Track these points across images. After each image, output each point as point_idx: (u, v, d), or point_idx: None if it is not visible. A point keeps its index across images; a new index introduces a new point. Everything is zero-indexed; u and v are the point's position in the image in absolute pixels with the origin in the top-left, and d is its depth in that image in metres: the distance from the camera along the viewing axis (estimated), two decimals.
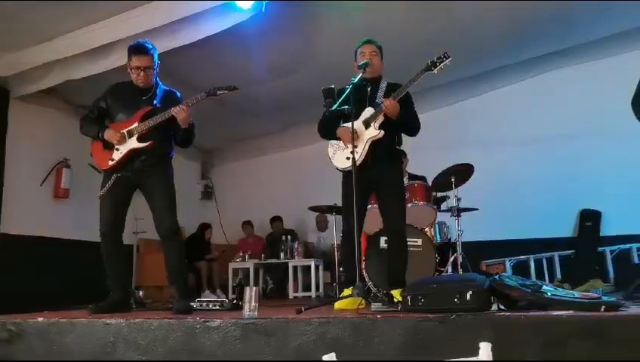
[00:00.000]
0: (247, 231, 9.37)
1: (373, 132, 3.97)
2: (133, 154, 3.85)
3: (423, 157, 6.29)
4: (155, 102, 3.93)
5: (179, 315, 3.26)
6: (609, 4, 6.27)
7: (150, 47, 3.91)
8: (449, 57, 3.88)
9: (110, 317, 3.07)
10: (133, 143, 3.83)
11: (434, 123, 5.61)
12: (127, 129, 3.85)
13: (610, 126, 7.34)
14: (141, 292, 5.50)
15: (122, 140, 3.84)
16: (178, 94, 4.02)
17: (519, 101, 8.15)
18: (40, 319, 3.14)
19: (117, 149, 3.86)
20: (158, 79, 4.03)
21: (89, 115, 4.03)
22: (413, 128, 4.15)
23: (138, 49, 3.88)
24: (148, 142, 3.82)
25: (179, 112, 3.74)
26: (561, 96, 7.96)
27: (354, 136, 3.78)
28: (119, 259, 3.99)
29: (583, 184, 7.63)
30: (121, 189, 3.88)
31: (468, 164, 5.83)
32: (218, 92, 3.82)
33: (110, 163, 3.87)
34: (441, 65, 3.89)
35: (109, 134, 3.86)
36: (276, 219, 9.18)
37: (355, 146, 3.76)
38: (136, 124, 3.85)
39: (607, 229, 7.74)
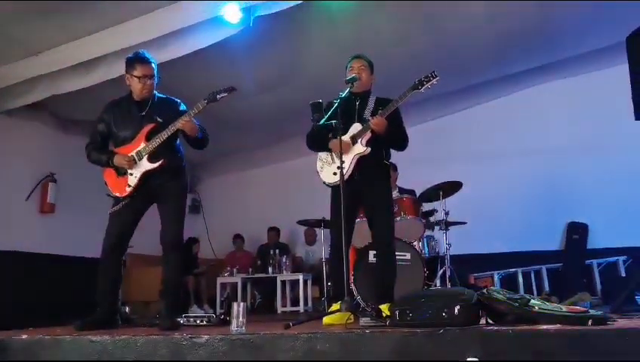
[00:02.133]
0: (237, 245, 9.32)
1: (360, 148, 3.98)
2: (147, 175, 3.82)
3: (411, 170, 6.32)
4: (154, 115, 3.88)
5: (165, 331, 3.23)
6: (593, 19, 6.36)
7: (151, 57, 3.94)
8: (437, 76, 3.90)
9: (95, 334, 3.04)
10: (145, 165, 3.80)
11: (422, 136, 5.65)
12: (135, 151, 3.82)
13: (597, 139, 7.44)
14: (127, 308, 5.45)
15: (132, 164, 3.81)
16: (177, 100, 4.01)
17: (507, 115, 8.21)
18: (24, 336, 3.10)
19: (131, 174, 3.82)
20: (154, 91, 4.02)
21: (92, 144, 3.99)
22: (400, 143, 4.17)
23: (142, 58, 3.88)
24: (160, 162, 3.80)
25: (185, 125, 3.74)
26: (547, 110, 8.04)
27: (341, 149, 3.78)
28: (116, 275, 3.93)
29: (569, 197, 7.69)
30: (136, 206, 3.87)
31: (457, 182, 5.86)
32: (218, 96, 3.78)
33: (128, 189, 3.82)
34: (429, 84, 3.91)
35: (118, 160, 3.82)
36: (273, 230, 9.12)
37: (341, 160, 3.76)
38: (143, 145, 3.80)
39: (594, 242, 7.78)
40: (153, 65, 3.91)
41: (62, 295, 6.33)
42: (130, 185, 3.82)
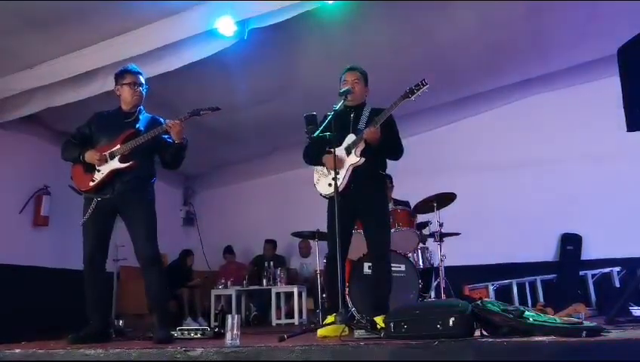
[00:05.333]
0: (228, 259, 9.29)
1: (354, 159, 3.99)
2: (114, 175, 3.83)
3: (405, 182, 6.32)
4: (137, 125, 3.95)
5: (159, 344, 3.21)
6: (584, 31, 6.42)
7: (139, 68, 4.08)
8: (427, 84, 3.92)
9: (89, 348, 3.02)
10: (114, 164, 3.82)
11: (416, 148, 5.64)
12: (109, 151, 3.85)
13: (590, 151, 7.48)
14: (121, 322, 5.42)
15: (103, 161, 3.83)
16: (162, 120, 4.03)
17: (500, 126, 8.25)
18: (17, 350, 3.08)
19: (98, 170, 3.84)
20: (142, 106, 4.07)
21: (71, 140, 4.03)
22: (395, 152, 4.17)
23: (131, 68, 4.03)
24: (130, 163, 3.82)
25: (173, 126, 3.78)
26: (540, 122, 8.08)
27: (337, 163, 3.79)
28: (101, 287, 3.94)
29: (563, 208, 7.70)
30: (103, 215, 3.85)
31: (451, 193, 5.88)
32: (201, 112, 3.88)
33: (91, 183, 3.84)
34: (419, 92, 3.92)
35: (89, 155, 3.85)
36: (269, 242, 9.06)
37: (337, 173, 3.77)
38: (118, 146, 3.85)
39: (589, 253, 7.81)
40: (141, 75, 4.04)
41: (56, 308, 6.28)
42: (94, 180, 3.84)
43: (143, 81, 4.04)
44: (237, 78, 6.35)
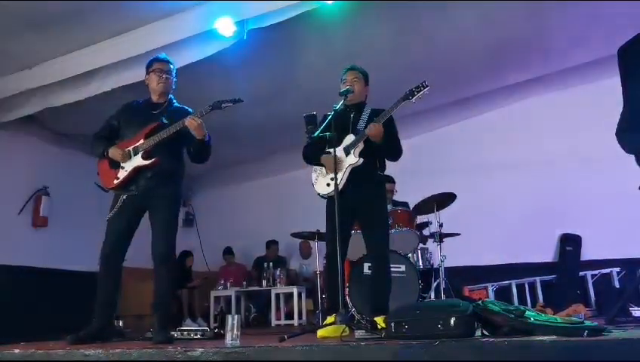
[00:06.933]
0: (228, 260, 9.28)
1: (352, 159, 3.99)
2: (138, 172, 3.81)
3: (405, 182, 6.32)
4: (163, 117, 3.91)
5: (159, 345, 3.20)
6: (586, 31, 6.42)
7: (169, 58, 4.08)
8: (427, 86, 3.91)
9: (88, 348, 3.01)
10: (138, 161, 3.80)
11: (416, 148, 5.66)
12: (132, 146, 3.83)
13: (589, 151, 7.46)
14: (121, 322, 5.41)
15: (127, 158, 3.81)
16: (191, 110, 3.98)
17: (500, 127, 8.25)
18: (16, 351, 3.07)
19: (122, 168, 3.83)
20: (172, 96, 4.06)
21: (100, 134, 4.01)
22: (395, 153, 4.15)
23: (159, 57, 4.05)
24: (152, 160, 3.79)
25: (190, 123, 3.72)
26: (541, 122, 8.08)
27: (336, 163, 3.79)
28: (114, 285, 3.90)
29: (563, 208, 7.71)
30: (128, 213, 3.83)
31: (451, 194, 5.88)
32: (223, 105, 3.84)
33: (115, 181, 3.83)
34: (419, 94, 3.92)
35: (112, 152, 3.84)
36: (273, 243, 9.08)
37: (336, 173, 3.77)
38: (141, 141, 3.82)
39: (588, 254, 7.80)
40: (171, 65, 4.02)
41: (55, 308, 6.28)
42: (118, 178, 3.82)
43: (172, 70, 4.01)
44: (236, 78, 6.33)
